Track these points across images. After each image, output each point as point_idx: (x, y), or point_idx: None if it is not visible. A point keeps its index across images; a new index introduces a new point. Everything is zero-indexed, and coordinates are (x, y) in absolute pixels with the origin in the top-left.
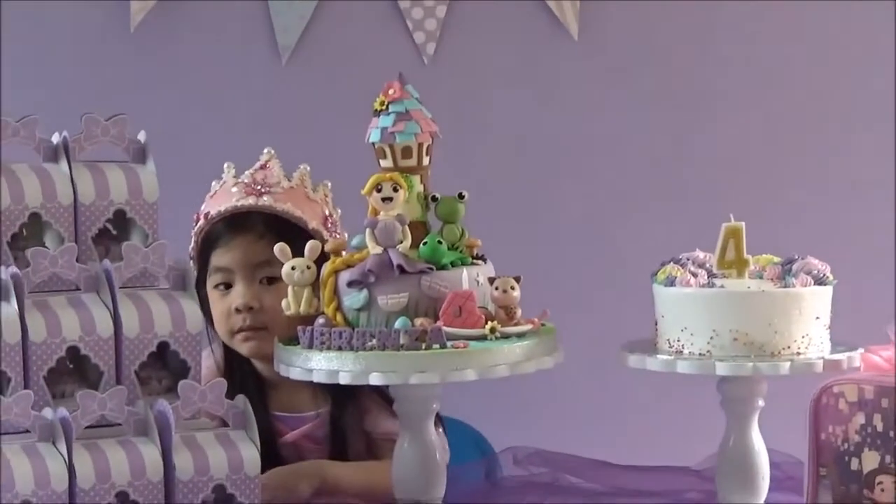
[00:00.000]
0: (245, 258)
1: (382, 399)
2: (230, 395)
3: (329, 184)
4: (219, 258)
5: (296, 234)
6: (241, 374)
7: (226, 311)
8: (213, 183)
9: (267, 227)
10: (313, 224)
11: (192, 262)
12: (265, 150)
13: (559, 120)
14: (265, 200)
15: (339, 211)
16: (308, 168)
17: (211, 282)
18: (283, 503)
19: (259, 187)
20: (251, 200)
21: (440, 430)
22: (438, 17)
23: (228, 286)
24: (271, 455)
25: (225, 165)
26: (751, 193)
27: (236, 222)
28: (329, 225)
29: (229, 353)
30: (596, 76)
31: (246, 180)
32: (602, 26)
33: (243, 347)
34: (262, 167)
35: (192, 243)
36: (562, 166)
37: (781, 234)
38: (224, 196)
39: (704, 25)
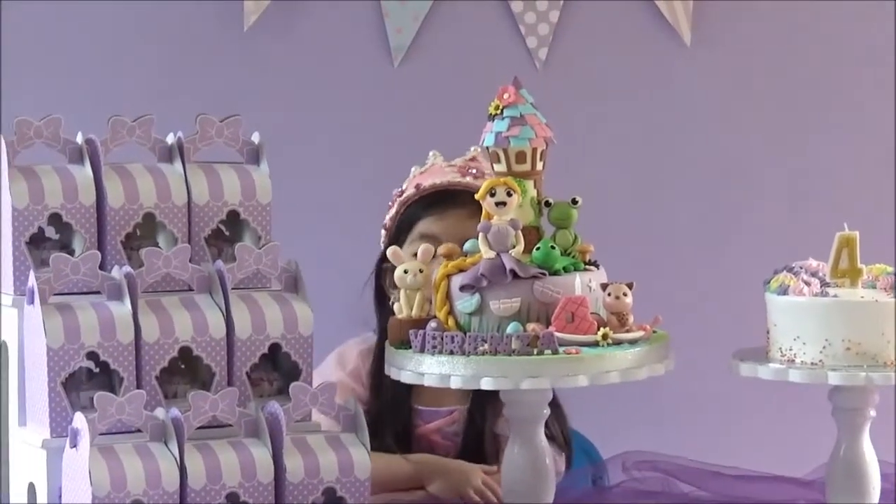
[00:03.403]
0: (456, 230)
1: None
2: (380, 382)
3: None
4: (427, 226)
5: None
6: None
7: None
8: (413, 168)
9: (478, 208)
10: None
11: (384, 231)
12: (472, 148)
13: (672, 125)
14: (481, 183)
15: None
16: None
17: (411, 249)
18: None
19: (474, 171)
20: (468, 179)
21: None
22: (551, 22)
23: None
24: (405, 448)
25: (431, 153)
26: (867, 202)
27: (450, 197)
28: None
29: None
30: (709, 82)
31: (459, 163)
32: (715, 32)
33: None
34: (471, 159)
35: (392, 212)
36: (674, 172)
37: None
38: (438, 172)
39: (820, 30)
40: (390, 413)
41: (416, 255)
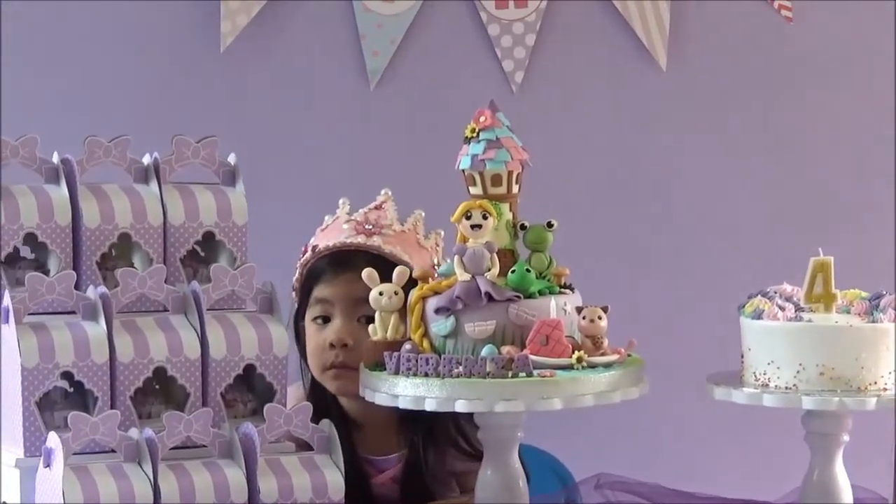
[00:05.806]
0: (346, 293)
1: (457, 448)
2: None
3: (442, 232)
4: (321, 291)
5: None
6: (326, 415)
7: (320, 345)
8: (326, 217)
9: (372, 266)
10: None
11: (294, 293)
12: (382, 192)
13: (648, 149)
14: (375, 241)
15: (448, 261)
16: (422, 214)
17: (310, 314)
18: None
19: (370, 227)
20: (360, 239)
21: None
22: (527, 46)
23: (326, 320)
24: (364, 497)
25: (340, 201)
26: (840, 227)
27: (342, 258)
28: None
29: (316, 392)
30: (683, 107)
31: (358, 218)
32: (691, 56)
33: (333, 385)
34: (377, 207)
35: (297, 274)
36: (651, 195)
37: (870, 269)
38: (335, 231)
39: (795, 59)
40: None
41: (316, 319)
